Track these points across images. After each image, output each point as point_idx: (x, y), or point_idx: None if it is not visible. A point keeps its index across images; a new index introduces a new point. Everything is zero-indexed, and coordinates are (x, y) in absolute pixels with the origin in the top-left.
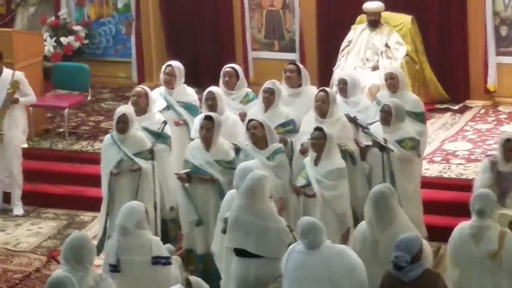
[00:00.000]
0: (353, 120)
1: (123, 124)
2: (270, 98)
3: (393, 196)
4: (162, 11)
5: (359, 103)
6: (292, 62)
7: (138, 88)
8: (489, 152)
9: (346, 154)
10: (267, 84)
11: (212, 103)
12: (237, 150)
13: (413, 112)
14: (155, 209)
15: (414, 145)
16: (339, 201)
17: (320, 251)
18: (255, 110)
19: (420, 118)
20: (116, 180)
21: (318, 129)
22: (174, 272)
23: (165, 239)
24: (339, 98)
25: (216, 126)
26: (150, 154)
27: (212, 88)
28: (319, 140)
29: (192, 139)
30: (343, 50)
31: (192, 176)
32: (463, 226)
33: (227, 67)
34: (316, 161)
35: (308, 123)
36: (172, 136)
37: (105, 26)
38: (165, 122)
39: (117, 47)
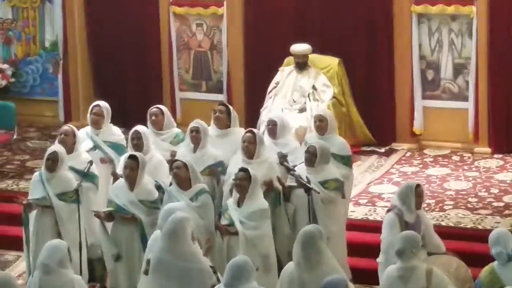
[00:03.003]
0: (282, 160)
1: (52, 162)
2: (197, 137)
3: (321, 238)
4: (90, 50)
5: (288, 145)
6: (222, 103)
7: (65, 127)
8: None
9: (277, 197)
10: (193, 124)
11: (137, 142)
12: (158, 187)
13: (339, 155)
14: (80, 249)
15: (338, 186)
16: (262, 241)
17: None
18: (184, 151)
19: (346, 161)
20: (39, 218)
21: (242, 169)
22: None
23: (91, 279)
24: (268, 139)
25: (140, 166)
26: (75, 195)
27: (138, 128)
28: (243, 181)
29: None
30: (270, 91)
31: (116, 216)
32: (390, 269)
33: (153, 108)
34: (240, 202)
35: (235, 164)
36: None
37: (32, 64)
38: (91, 162)
39: (44, 85)
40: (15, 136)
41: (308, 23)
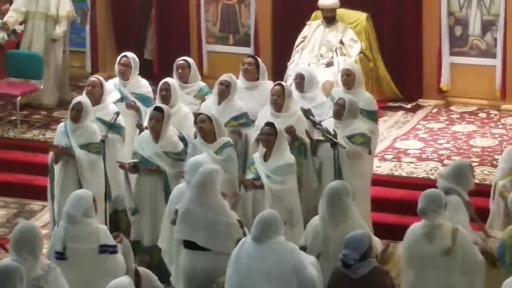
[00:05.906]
0: (306, 114)
1: (77, 112)
2: (225, 91)
3: (347, 194)
4: (116, 2)
5: (315, 99)
6: (251, 55)
7: (93, 78)
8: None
9: (301, 147)
10: (224, 77)
11: (165, 94)
12: (182, 139)
13: (365, 110)
14: (106, 199)
15: (364, 141)
16: (287, 196)
17: (270, 245)
18: (209, 102)
19: (372, 116)
20: (63, 169)
21: (268, 124)
22: (121, 261)
23: (116, 230)
24: (295, 93)
25: (165, 117)
26: (100, 146)
27: (168, 79)
28: (270, 136)
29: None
30: (297, 45)
31: (140, 168)
32: (415, 227)
33: (179, 60)
34: (266, 157)
35: (263, 117)
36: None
37: None
38: (117, 113)
39: (72, 36)
40: (42, 86)
41: None
